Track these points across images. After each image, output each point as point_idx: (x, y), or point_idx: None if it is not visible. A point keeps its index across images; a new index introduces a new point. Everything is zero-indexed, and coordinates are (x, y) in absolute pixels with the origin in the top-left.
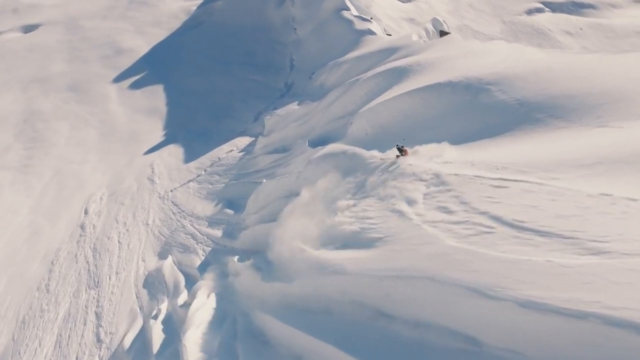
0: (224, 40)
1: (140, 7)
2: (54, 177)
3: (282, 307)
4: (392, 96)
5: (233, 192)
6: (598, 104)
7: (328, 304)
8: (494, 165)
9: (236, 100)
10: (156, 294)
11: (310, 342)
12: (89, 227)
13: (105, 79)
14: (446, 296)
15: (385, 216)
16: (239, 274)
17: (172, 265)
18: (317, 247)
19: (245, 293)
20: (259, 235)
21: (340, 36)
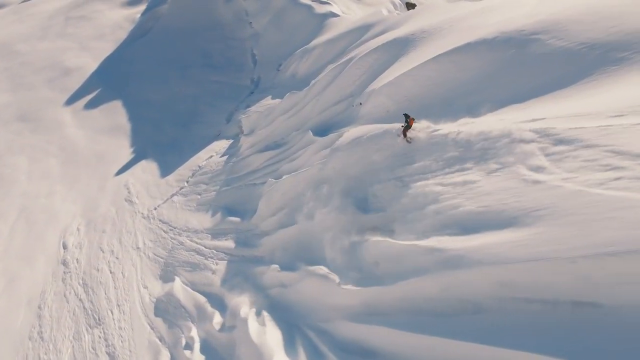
0: (176, 44)
1: (78, 23)
2: (21, 216)
3: (387, 313)
4: (412, 66)
5: (229, 199)
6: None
7: (474, 302)
8: (603, 112)
9: (201, 104)
10: (175, 320)
11: (457, 348)
12: (72, 263)
13: (56, 103)
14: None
15: (512, 189)
16: (290, 284)
17: (183, 287)
18: (423, 237)
19: (306, 303)
20: (290, 238)
21: (300, 23)
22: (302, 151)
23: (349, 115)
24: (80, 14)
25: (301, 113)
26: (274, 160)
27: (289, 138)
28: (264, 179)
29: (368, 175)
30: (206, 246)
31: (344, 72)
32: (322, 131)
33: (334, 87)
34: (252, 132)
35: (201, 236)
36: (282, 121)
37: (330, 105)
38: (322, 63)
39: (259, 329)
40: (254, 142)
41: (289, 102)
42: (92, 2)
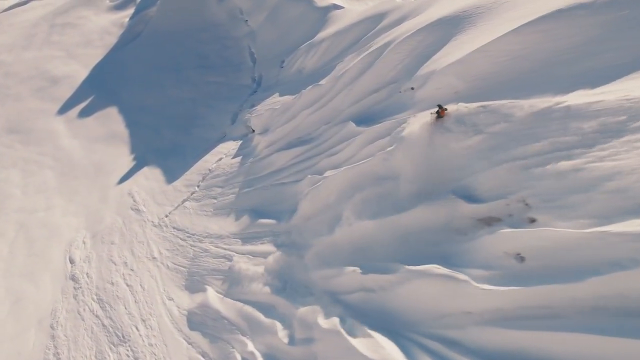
0: (168, 47)
1: (64, 30)
2: (20, 232)
3: (559, 315)
4: (485, 42)
5: (255, 200)
6: None
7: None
8: None
9: (200, 107)
10: (218, 334)
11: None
12: (82, 278)
13: (46, 113)
14: None
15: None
16: (382, 288)
17: (219, 297)
18: (607, 222)
19: (415, 309)
20: (354, 239)
21: (300, 18)
22: (345, 144)
23: (397, 102)
24: (64, 21)
25: (329, 106)
26: (302, 157)
27: (318, 133)
28: (295, 177)
29: (459, 161)
30: (238, 252)
31: (380, 59)
32: (364, 122)
33: (369, 75)
34: (267, 131)
35: (228, 241)
36: (306, 116)
37: (366, 95)
38: (332, 56)
39: (368, 342)
40: (272, 141)
41: (311, 96)
42: (77, 9)
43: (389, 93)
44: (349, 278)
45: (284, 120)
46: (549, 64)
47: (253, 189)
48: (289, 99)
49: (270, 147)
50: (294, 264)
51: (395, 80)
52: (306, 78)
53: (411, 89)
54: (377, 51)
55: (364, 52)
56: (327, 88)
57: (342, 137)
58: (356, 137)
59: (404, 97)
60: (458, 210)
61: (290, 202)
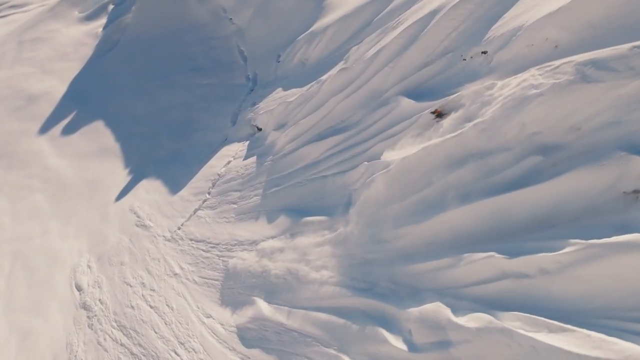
0: (151, 53)
1: (34, 45)
2: (17, 263)
3: None
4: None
5: (289, 199)
6: None
7: None
8: None
9: (195, 111)
10: (290, 348)
11: None
12: (95, 305)
13: (28, 133)
14: None
15: None
16: (546, 271)
17: (274, 308)
18: None
19: (596, 294)
20: (445, 228)
21: (291, 10)
22: (403, 124)
23: (463, 71)
24: (33, 36)
25: (366, 88)
26: (341, 146)
27: (355, 119)
28: (337, 168)
29: (611, 114)
30: (283, 257)
31: (427, 30)
32: (420, 98)
33: (415, 49)
34: (283, 126)
35: (275, 248)
36: (336, 103)
37: (415, 71)
38: (342, 41)
39: (569, 337)
40: (296, 134)
41: (339, 81)
42: (45, 22)
43: (447, 64)
44: (478, 266)
45: (306, 112)
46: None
47: (282, 187)
48: (298, 92)
49: (295, 141)
50: (373, 260)
51: (452, 49)
52: (312, 69)
53: (482, 53)
54: (421, 23)
55: (399, 27)
56: (359, 71)
57: (396, 117)
58: (421, 114)
59: (473, 64)
60: (628, 169)
61: (339, 195)
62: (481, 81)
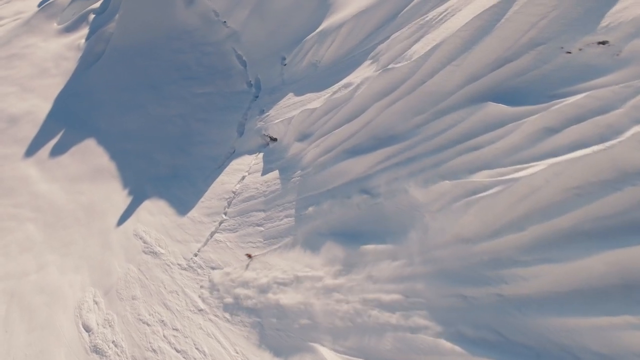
0: (139, 63)
1: (10, 63)
2: (13, 305)
3: None
4: None
5: (334, 222)
6: None
7: None
8: None
9: (192, 122)
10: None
11: None
12: (109, 348)
13: (11, 158)
14: None
15: None
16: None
17: (335, 354)
18: None
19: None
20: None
21: (293, 8)
22: (495, 134)
23: (571, 67)
24: (9, 52)
25: (421, 91)
26: (397, 159)
27: (410, 126)
28: (395, 185)
29: None
30: (345, 291)
31: (504, 20)
32: (510, 102)
33: (488, 43)
34: (309, 136)
35: (313, 279)
36: (380, 109)
37: (490, 68)
38: (359, 40)
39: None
40: (330, 146)
41: (382, 84)
42: (20, 37)
43: (539, 59)
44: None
45: (339, 120)
46: None
47: (321, 208)
48: (316, 96)
49: (330, 154)
50: (477, 304)
51: (543, 41)
52: (327, 70)
53: (599, 44)
54: (492, 12)
55: (450, 19)
56: (408, 71)
57: (478, 125)
58: (510, 125)
59: (584, 58)
60: None
61: (405, 218)
62: (611, 78)
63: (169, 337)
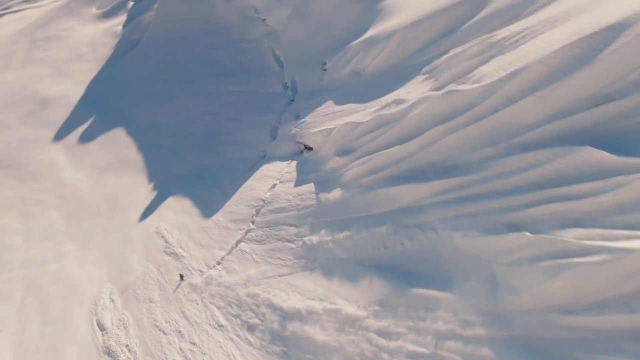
0: (173, 55)
1: (48, 44)
2: (29, 293)
3: None
4: None
5: (378, 252)
6: None
7: None
8: None
9: (223, 121)
10: None
11: None
12: (122, 352)
13: (41, 141)
14: None
15: None
16: None
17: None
18: None
19: None
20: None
21: (338, 11)
22: (591, 185)
23: None
24: (47, 34)
25: (493, 120)
26: (459, 194)
27: (478, 157)
28: (448, 224)
29: None
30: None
31: (603, 55)
32: (617, 150)
33: (585, 74)
34: (350, 152)
35: (355, 317)
36: (441, 134)
37: (586, 106)
38: (411, 52)
39: None
40: (377, 166)
41: (445, 105)
42: (59, 20)
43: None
44: None
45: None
46: None
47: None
48: (359, 108)
49: (377, 175)
50: None
51: None
52: (371, 81)
53: None
54: (593, 41)
55: (528, 41)
56: (477, 96)
57: (569, 171)
58: (636, 176)
59: None
60: None
61: (467, 265)
62: None
63: (186, 350)
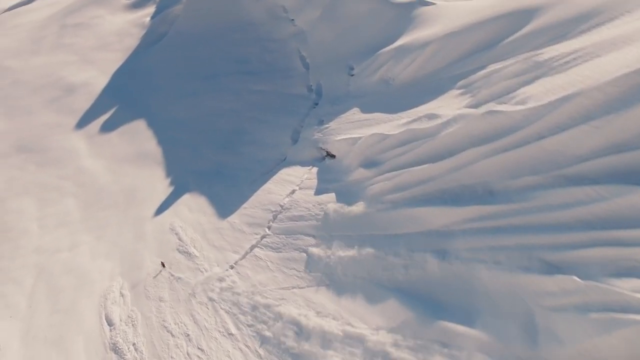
0: (199, 50)
1: (76, 31)
2: (40, 280)
3: None
4: None
5: (402, 277)
6: None
7: None
8: None
9: (245, 120)
10: None
11: None
12: (128, 350)
13: (63, 128)
14: None
15: None
16: None
17: None
18: None
19: None
20: None
21: (370, 15)
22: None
23: None
24: (76, 21)
25: (538, 147)
26: (495, 223)
27: (517, 185)
28: (482, 255)
29: None
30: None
31: None
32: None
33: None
34: (376, 165)
35: (374, 341)
36: (478, 157)
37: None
38: (444, 64)
39: None
40: (405, 184)
41: (485, 126)
42: (89, 7)
43: None
44: None
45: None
46: None
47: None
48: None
49: (404, 193)
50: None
51: None
52: (401, 91)
53: None
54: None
55: (581, 64)
56: (521, 119)
57: (633, 213)
58: None
59: None
60: None
61: (503, 303)
62: None
63: (193, 356)
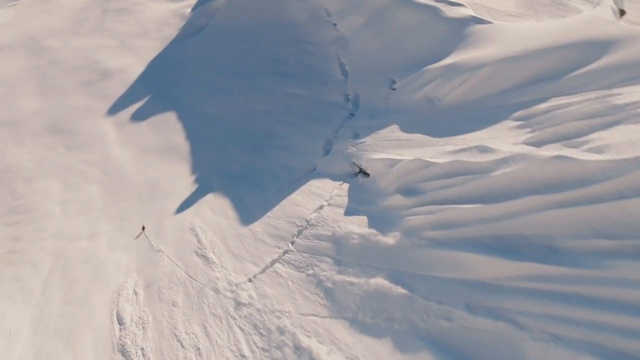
0: (237, 46)
1: (118, 16)
2: (57, 266)
3: None
4: None
5: (432, 323)
6: None
7: None
8: None
9: (277, 123)
10: None
11: None
12: (135, 355)
13: (95, 112)
14: None
15: None
16: None
17: None
18: None
19: None
20: None
21: (419, 28)
22: None
23: None
24: (119, 6)
25: (617, 207)
26: (558, 286)
27: (587, 249)
28: (536, 320)
29: None
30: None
31: None
32: None
33: None
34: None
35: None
36: (544, 207)
37: None
38: (499, 90)
39: None
40: (448, 222)
41: (551, 174)
42: None
43: None
44: None
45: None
46: None
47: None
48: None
49: (445, 232)
50: None
51: None
52: (446, 113)
53: None
54: None
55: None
56: (598, 171)
57: None
58: None
59: None
60: None
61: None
62: None
63: None
